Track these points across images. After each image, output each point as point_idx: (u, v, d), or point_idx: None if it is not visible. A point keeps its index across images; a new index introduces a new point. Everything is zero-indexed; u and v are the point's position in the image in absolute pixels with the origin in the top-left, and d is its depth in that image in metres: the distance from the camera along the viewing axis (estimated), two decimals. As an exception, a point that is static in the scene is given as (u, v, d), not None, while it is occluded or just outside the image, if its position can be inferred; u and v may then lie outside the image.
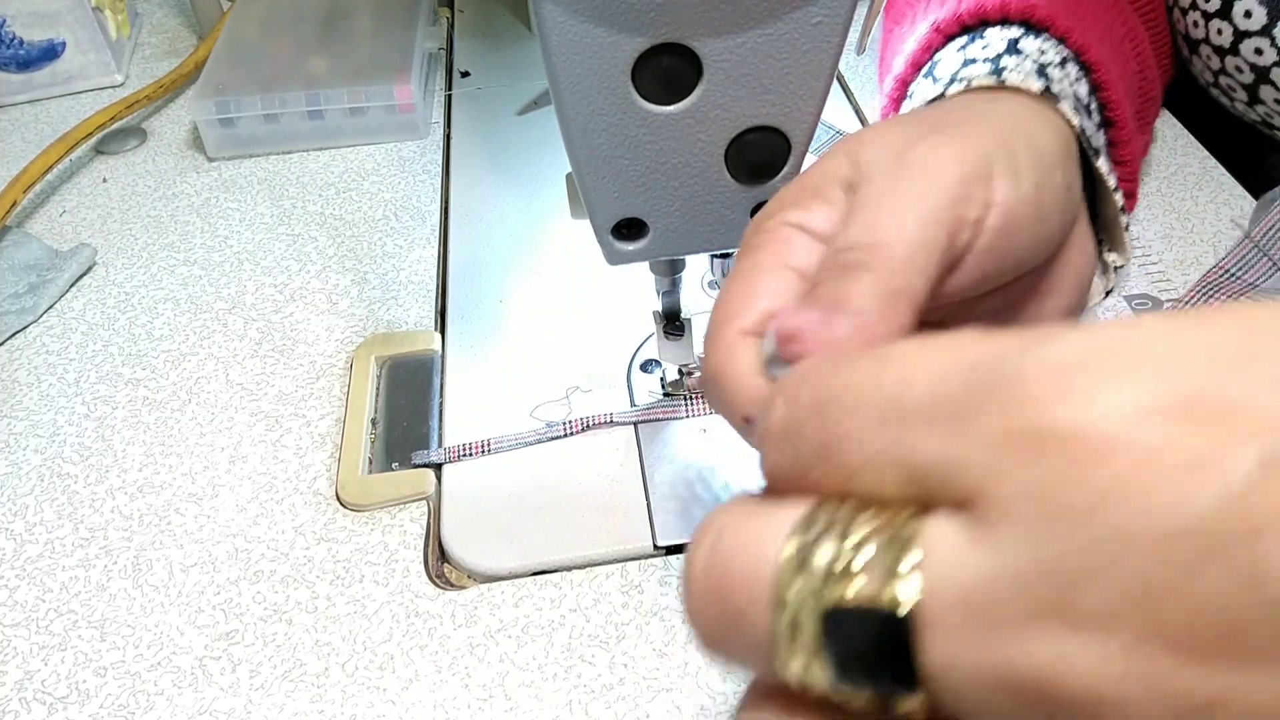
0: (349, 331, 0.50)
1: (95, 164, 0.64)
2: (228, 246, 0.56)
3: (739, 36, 0.31)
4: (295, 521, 0.42)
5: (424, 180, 0.60)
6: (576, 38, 0.30)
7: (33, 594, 0.40)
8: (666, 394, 0.45)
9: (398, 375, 0.48)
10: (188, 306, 0.53)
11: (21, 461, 0.45)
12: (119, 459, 0.45)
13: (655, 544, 0.40)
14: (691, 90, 0.32)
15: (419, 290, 0.52)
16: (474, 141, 0.63)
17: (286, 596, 0.39)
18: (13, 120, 0.68)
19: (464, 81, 0.69)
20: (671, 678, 0.36)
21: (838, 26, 0.31)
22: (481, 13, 0.76)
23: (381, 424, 0.46)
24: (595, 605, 0.38)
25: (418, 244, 0.55)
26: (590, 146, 0.33)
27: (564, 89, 0.31)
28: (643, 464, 0.43)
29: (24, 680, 0.37)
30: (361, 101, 0.61)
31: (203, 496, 0.43)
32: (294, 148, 0.63)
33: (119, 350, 0.50)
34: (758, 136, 0.34)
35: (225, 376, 0.49)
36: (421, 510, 0.42)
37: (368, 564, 0.40)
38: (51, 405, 0.48)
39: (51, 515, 0.43)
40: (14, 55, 0.68)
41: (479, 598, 0.39)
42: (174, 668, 0.37)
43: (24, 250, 0.56)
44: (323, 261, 0.55)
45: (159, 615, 0.39)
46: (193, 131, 0.65)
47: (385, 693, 0.36)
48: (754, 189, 0.35)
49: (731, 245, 0.38)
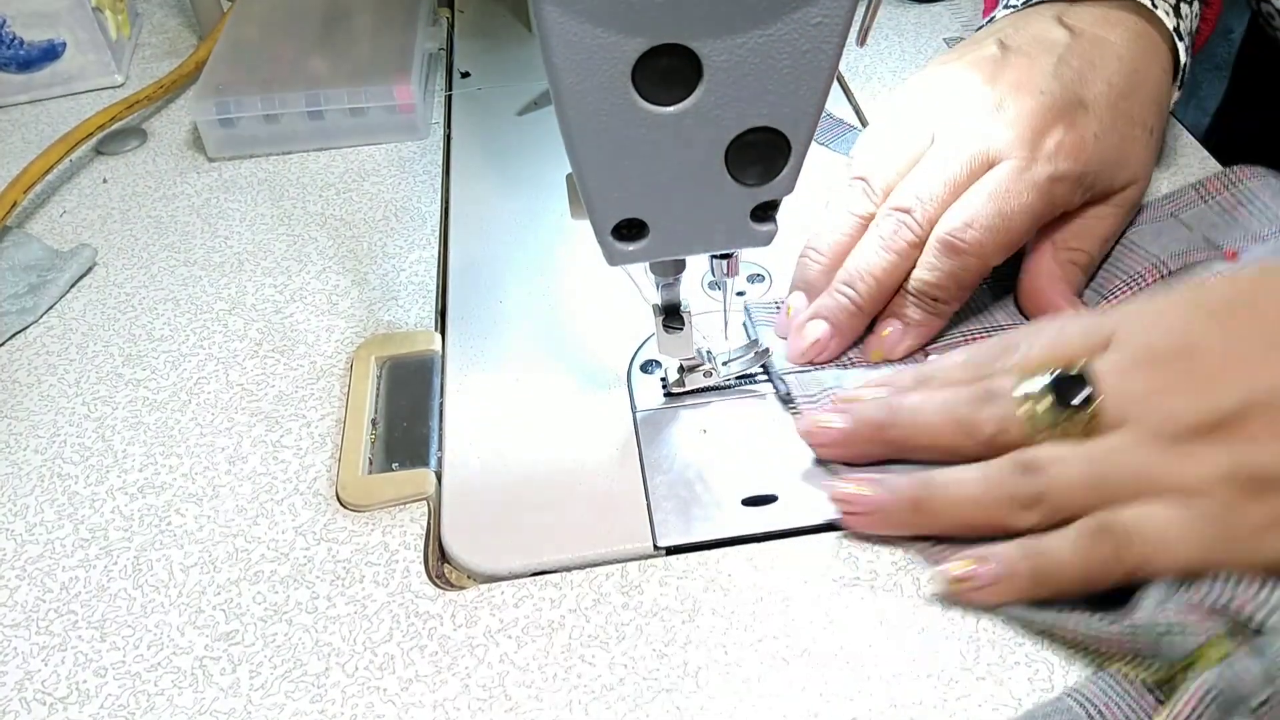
0: (349, 332, 0.50)
1: (95, 164, 0.64)
2: (228, 247, 0.56)
3: (739, 36, 0.31)
4: (295, 522, 0.42)
5: (424, 181, 0.60)
6: (576, 38, 0.30)
7: (33, 594, 0.40)
8: (668, 394, 0.45)
9: (398, 375, 0.48)
10: (188, 307, 0.53)
11: (21, 461, 0.45)
12: (119, 459, 0.45)
13: (655, 544, 0.40)
14: (691, 90, 0.32)
15: (419, 290, 0.52)
16: (474, 142, 0.63)
17: (286, 597, 0.39)
18: (13, 120, 0.68)
19: (464, 82, 0.69)
20: (671, 678, 0.36)
21: (838, 26, 0.31)
22: (481, 13, 0.76)
23: (381, 424, 0.46)
24: (595, 605, 0.38)
25: (418, 244, 0.55)
26: (590, 147, 0.33)
27: (564, 89, 0.31)
28: (643, 464, 0.43)
29: (24, 680, 0.37)
30: (361, 102, 0.61)
31: (203, 496, 0.43)
32: (294, 148, 0.63)
33: (119, 350, 0.50)
34: (758, 136, 0.34)
35: (225, 377, 0.49)
36: (421, 510, 0.42)
37: (368, 564, 0.40)
38: (51, 405, 0.48)
39: (51, 515, 0.43)
40: (14, 55, 0.68)
41: (479, 598, 0.39)
42: (174, 668, 0.37)
43: (24, 251, 0.56)
44: (323, 262, 0.55)
45: (159, 615, 0.39)
46: (193, 132, 0.65)
47: (385, 693, 0.36)
48: (754, 189, 0.35)
49: (731, 245, 0.38)
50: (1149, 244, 0.47)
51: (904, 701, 0.34)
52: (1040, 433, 0.36)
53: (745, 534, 0.40)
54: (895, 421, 0.39)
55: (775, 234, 0.38)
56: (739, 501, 0.41)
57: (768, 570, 0.39)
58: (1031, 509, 0.36)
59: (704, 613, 0.37)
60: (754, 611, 0.37)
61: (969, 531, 0.37)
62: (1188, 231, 0.48)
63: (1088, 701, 0.33)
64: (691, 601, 0.38)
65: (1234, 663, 0.31)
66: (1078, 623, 0.34)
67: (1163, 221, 0.49)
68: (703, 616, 0.37)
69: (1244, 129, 0.76)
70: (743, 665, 0.36)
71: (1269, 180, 0.48)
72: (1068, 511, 0.35)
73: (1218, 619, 0.32)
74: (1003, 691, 0.34)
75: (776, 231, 0.37)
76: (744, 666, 0.36)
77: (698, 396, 0.45)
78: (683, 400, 0.45)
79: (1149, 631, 0.33)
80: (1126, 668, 0.34)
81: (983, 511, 0.37)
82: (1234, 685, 0.31)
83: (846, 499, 0.39)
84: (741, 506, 0.41)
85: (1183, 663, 0.32)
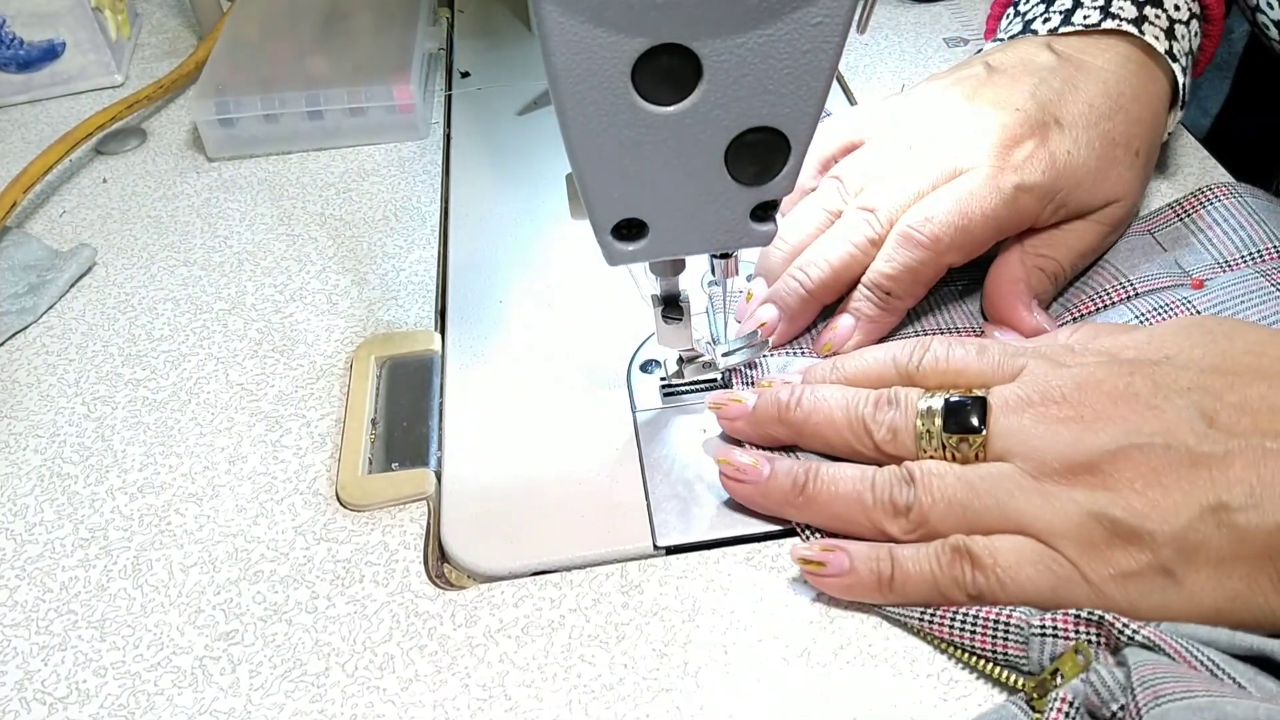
0: (349, 332, 0.50)
1: (95, 164, 0.64)
2: (228, 247, 0.56)
3: (739, 36, 0.31)
4: (295, 521, 0.42)
5: (424, 180, 0.60)
6: (576, 38, 0.30)
7: (33, 594, 0.40)
8: (667, 391, 0.45)
9: (398, 375, 0.48)
10: (188, 307, 0.53)
11: (21, 461, 0.45)
12: (119, 459, 0.45)
13: (655, 544, 0.40)
14: (691, 90, 0.32)
15: (419, 290, 0.52)
16: (474, 141, 0.63)
17: (286, 596, 0.39)
18: (13, 120, 0.68)
19: (464, 81, 0.69)
20: (671, 678, 0.36)
21: (838, 26, 0.31)
22: (481, 13, 0.76)
23: (381, 424, 0.46)
24: (595, 605, 0.38)
25: (418, 244, 0.55)
26: (590, 146, 0.33)
27: (564, 89, 0.31)
28: (643, 464, 0.43)
29: (24, 680, 0.37)
30: (361, 101, 0.61)
31: (203, 496, 0.43)
32: (294, 148, 0.63)
33: (119, 350, 0.50)
34: (758, 136, 0.34)
35: (225, 377, 0.49)
36: (421, 510, 0.42)
37: (368, 564, 0.40)
38: (51, 405, 0.48)
39: (51, 515, 0.43)
40: (14, 55, 0.68)
41: (479, 598, 0.39)
42: (174, 668, 0.37)
43: (24, 250, 0.56)
44: (323, 261, 0.55)
45: (159, 615, 0.39)
46: (193, 132, 0.65)
47: (385, 693, 0.36)
48: (754, 189, 0.35)
49: (731, 245, 0.38)
50: (1120, 263, 0.48)
51: (904, 701, 0.34)
52: (928, 449, 0.38)
53: (745, 534, 0.40)
54: (799, 405, 0.40)
55: (775, 234, 0.38)
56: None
57: (768, 570, 0.39)
58: (901, 516, 0.37)
59: (704, 613, 0.37)
60: (754, 611, 0.37)
61: (844, 527, 0.38)
62: (1162, 252, 0.48)
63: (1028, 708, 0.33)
64: (691, 601, 0.38)
65: (1095, 672, 0.31)
66: (948, 619, 0.35)
67: (1139, 238, 0.49)
68: (703, 616, 0.37)
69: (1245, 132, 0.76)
70: (743, 665, 0.36)
71: (1244, 200, 0.48)
72: (934, 526, 0.36)
73: (1087, 628, 0.33)
74: (1000, 693, 0.34)
75: (776, 231, 0.38)
76: (744, 666, 0.36)
77: (698, 396, 0.45)
78: (683, 401, 0.45)
79: (1021, 631, 0.33)
80: (994, 669, 0.34)
81: (859, 509, 0.38)
82: (1094, 696, 0.31)
83: (736, 466, 0.40)
84: (741, 506, 0.41)
85: (1049, 669, 0.33)
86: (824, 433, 0.40)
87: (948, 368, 0.39)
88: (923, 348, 0.40)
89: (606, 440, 0.44)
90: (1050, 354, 0.38)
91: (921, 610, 0.36)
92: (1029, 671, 0.34)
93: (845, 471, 0.38)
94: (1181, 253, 0.48)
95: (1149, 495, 0.33)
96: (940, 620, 0.35)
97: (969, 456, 0.37)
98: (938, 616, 0.35)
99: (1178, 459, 0.33)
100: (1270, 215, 0.48)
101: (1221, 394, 0.34)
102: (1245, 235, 0.47)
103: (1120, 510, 0.33)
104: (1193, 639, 0.32)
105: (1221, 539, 0.32)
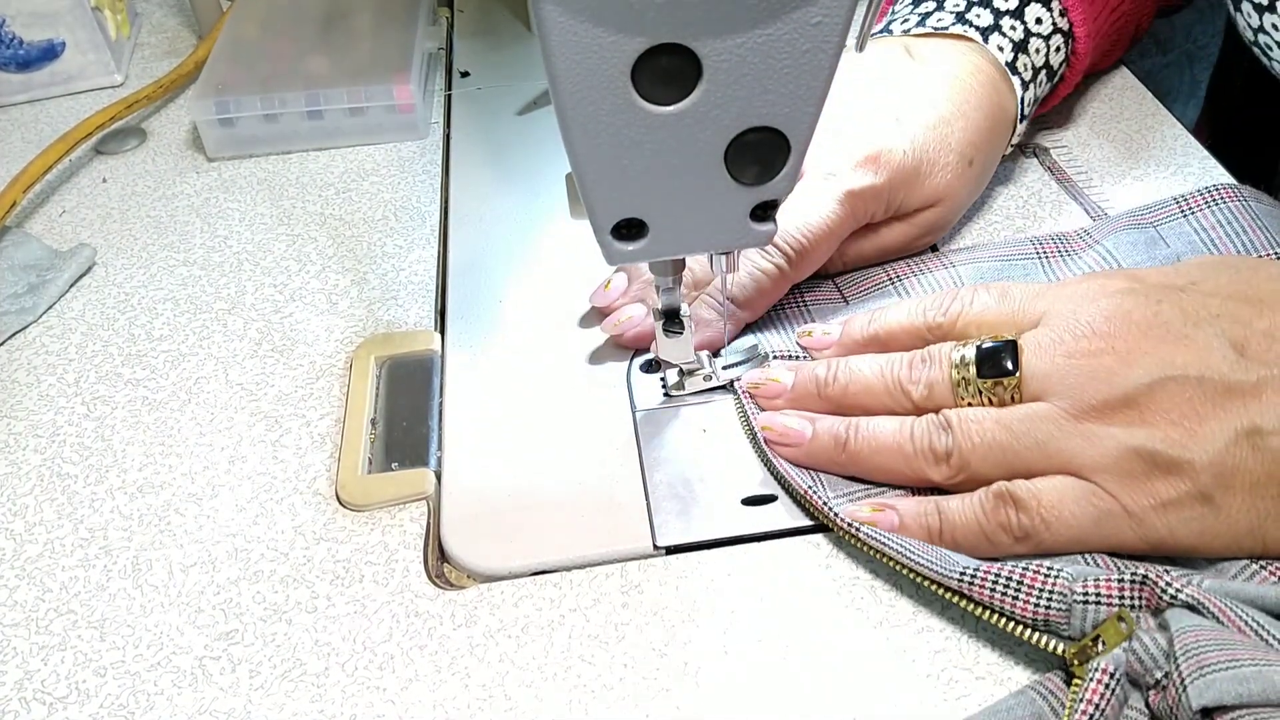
0: (349, 331, 0.50)
1: (95, 164, 0.64)
2: (227, 246, 0.56)
3: (739, 36, 0.31)
4: (295, 521, 0.42)
5: (424, 180, 0.60)
6: (576, 38, 0.30)
7: (32, 594, 0.40)
8: (667, 395, 0.45)
9: (398, 375, 0.48)
10: (187, 306, 0.53)
11: (21, 461, 0.45)
12: (119, 459, 0.45)
13: (655, 544, 0.40)
14: (691, 90, 0.32)
15: (419, 290, 0.52)
16: (474, 141, 0.63)
17: (286, 596, 0.39)
18: (13, 120, 0.68)
19: (464, 81, 0.69)
20: (671, 678, 0.36)
21: (838, 26, 0.31)
22: (481, 13, 0.76)
23: (381, 424, 0.46)
24: (595, 605, 0.38)
25: (417, 244, 0.55)
26: (590, 146, 0.33)
27: (564, 89, 0.31)
28: (642, 464, 0.43)
29: (24, 680, 0.37)
30: (361, 101, 0.61)
31: (202, 496, 0.43)
32: (294, 148, 0.63)
33: (119, 350, 0.50)
34: (758, 136, 0.34)
35: (225, 376, 0.49)
36: (421, 510, 0.42)
37: (367, 564, 0.40)
38: (51, 405, 0.48)
39: (51, 515, 0.43)
40: (14, 55, 0.68)
41: (479, 598, 0.39)
42: (174, 668, 0.37)
43: (24, 250, 0.56)
44: (323, 261, 0.55)
45: (159, 615, 0.39)
46: (192, 131, 0.65)
47: (385, 693, 0.36)
48: (754, 189, 0.35)
49: (731, 245, 0.38)
50: (1123, 256, 0.48)
51: (904, 701, 0.34)
52: (965, 397, 0.39)
53: (745, 534, 0.40)
54: (835, 379, 0.42)
55: (774, 233, 0.38)
56: (739, 501, 0.41)
57: (768, 570, 0.39)
58: (942, 463, 0.38)
59: (704, 613, 0.37)
60: (754, 611, 0.37)
61: (888, 477, 0.40)
62: (1166, 248, 0.48)
63: (1050, 694, 0.33)
64: (691, 601, 0.38)
65: (1138, 638, 0.32)
66: (989, 581, 0.34)
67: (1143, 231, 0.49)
68: (703, 616, 0.37)
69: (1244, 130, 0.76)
70: (743, 665, 0.36)
71: (1248, 204, 0.49)
72: (975, 470, 0.38)
73: (1131, 590, 0.33)
74: (1002, 691, 0.34)
75: (775, 231, 0.38)
76: (744, 666, 0.36)
77: (698, 396, 0.45)
78: (683, 400, 0.45)
79: (1065, 598, 0.33)
80: (1033, 635, 0.34)
81: (900, 459, 0.39)
82: (1136, 663, 0.31)
83: (780, 431, 0.42)
84: (741, 506, 0.41)
85: (1090, 634, 0.33)
86: (863, 401, 0.41)
87: (973, 316, 0.41)
88: (949, 298, 0.42)
89: (606, 440, 0.44)
90: (1069, 292, 0.39)
91: (963, 569, 0.35)
92: (1069, 637, 0.33)
93: (885, 425, 0.40)
94: (1185, 251, 0.48)
95: (1186, 426, 0.35)
96: (982, 582, 0.34)
97: (1005, 400, 0.38)
98: (979, 577, 0.34)
99: (1212, 389, 0.35)
100: (1272, 220, 0.48)
101: (1250, 321, 0.36)
102: (1247, 239, 0.47)
103: (1159, 443, 0.35)
104: (1238, 598, 0.32)
105: (1256, 462, 0.34)
